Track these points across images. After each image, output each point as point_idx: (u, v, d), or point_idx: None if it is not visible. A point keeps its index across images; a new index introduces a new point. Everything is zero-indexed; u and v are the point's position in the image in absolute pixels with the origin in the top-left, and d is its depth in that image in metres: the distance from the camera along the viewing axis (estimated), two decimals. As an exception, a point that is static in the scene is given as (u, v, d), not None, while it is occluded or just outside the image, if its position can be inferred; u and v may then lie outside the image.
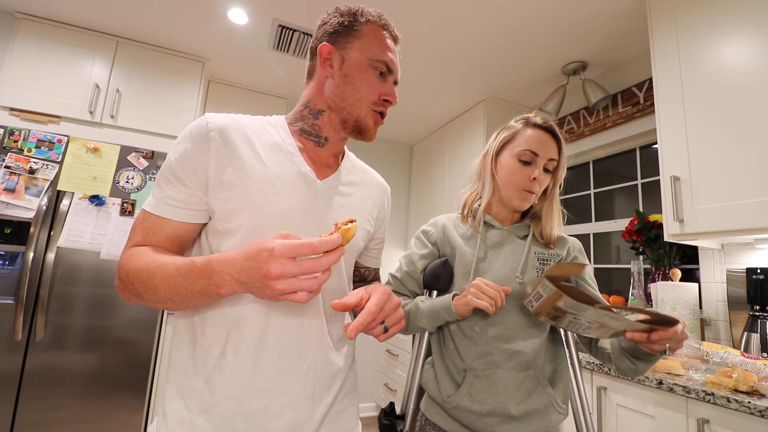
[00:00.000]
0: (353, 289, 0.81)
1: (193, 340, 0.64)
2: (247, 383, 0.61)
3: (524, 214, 0.99)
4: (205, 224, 0.68)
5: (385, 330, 0.62)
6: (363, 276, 0.89)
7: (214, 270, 0.54)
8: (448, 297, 0.86)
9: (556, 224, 0.94)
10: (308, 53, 0.76)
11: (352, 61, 0.70)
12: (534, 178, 0.88)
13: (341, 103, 0.71)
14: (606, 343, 0.88)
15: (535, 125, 0.91)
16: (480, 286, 0.81)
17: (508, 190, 0.91)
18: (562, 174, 0.94)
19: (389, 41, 0.73)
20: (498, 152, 0.94)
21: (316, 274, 0.51)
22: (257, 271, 0.50)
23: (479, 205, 0.96)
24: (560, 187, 0.96)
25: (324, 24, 0.73)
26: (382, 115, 0.74)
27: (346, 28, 0.71)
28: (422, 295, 0.97)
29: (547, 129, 0.91)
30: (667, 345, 0.70)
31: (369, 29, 0.72)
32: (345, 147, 0.82)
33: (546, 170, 0.91)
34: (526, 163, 0.90)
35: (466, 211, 0.98)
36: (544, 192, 0.95)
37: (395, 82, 0.75)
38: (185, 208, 0.64)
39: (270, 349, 0.62)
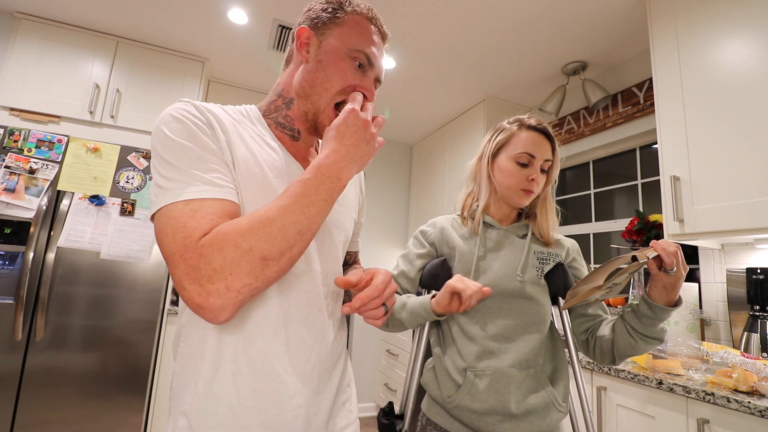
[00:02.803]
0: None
1: (190, 354, 0.59)
2: (264, 389, 0.58)
3: (520, 214, 1.00)
4: None
5: (386, 312, 0.62)
6: (345, 260, 0.86)
7: (326, 165, 0.56)
8: (428, 295, 0.86)
9: (552, 221, 0.96)
10: (290, 38, 0.71)
11: (329, 47, 0.65)
12: (532, 179, 0.90)
13: (309, 89, 0.65)
14: (605, 330, 0.89)
15: (530, 127, 0.93)
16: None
17: (506, 191, 0.93)
18: (556, 173, 0.97)
19: (375, 36, 0.68)
20: (494, 155, 0.96)
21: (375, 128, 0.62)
22: (358, 131, 0.59)
23: (477, 207, 0.97)
24: (555, 184, 0.99)
25: (309, 10, 0.69)
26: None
27: (329, 15, 0.67)
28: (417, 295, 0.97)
29: (542, 131, 0.93)
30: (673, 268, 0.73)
31: (353, 19, 0.67)
32: None
33: (541, 170, 0.93)
34: (523, 165, 0.91)
35: (465, 213, 0.99)
36: None
37: (378, 80, 0.70)
38: (233, 187, 0.57)
39: (281, 353, 0.60)
